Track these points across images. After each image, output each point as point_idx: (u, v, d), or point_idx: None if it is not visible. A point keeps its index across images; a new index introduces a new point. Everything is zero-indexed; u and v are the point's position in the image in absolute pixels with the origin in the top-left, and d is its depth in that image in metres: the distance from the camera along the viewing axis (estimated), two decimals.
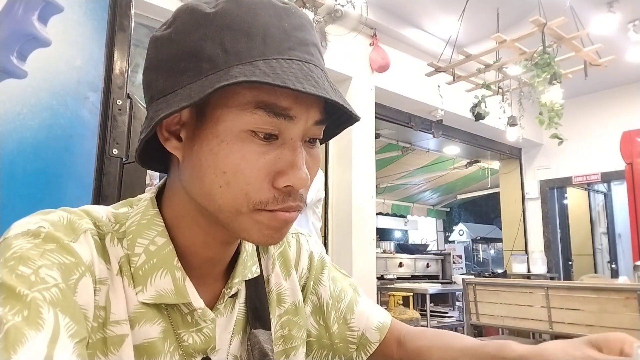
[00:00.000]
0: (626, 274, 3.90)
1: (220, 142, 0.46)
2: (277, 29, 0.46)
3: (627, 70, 4.73)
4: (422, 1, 3.77)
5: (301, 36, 0.48)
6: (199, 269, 0.55)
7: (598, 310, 2.75)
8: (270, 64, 0.44)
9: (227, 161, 0.46)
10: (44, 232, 0.45)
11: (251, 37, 0.45)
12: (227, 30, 0.45)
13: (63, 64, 1.04)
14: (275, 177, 0.47)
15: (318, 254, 0.71)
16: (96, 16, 1.11)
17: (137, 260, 0.50)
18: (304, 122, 0.48)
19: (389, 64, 3.82)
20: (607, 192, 6.43)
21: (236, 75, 0.43)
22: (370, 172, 3.84)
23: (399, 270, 6.25)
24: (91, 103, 1.08)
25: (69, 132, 1.04)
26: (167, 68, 0.48)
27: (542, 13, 3.15)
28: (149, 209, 0.53)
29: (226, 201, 0.47)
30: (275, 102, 0.45)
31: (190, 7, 0.48)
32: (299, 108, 0.47)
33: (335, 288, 0.70)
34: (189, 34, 0.47)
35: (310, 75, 0.45)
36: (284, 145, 0.47)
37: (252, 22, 0.46)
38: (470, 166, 7.06)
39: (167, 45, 0.48)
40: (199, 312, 0.53)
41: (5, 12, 0.91)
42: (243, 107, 0.45)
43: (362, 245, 3.66)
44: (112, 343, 0.47)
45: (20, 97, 0.97)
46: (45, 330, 0.38)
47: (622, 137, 4.24)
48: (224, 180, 0.46)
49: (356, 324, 0.68)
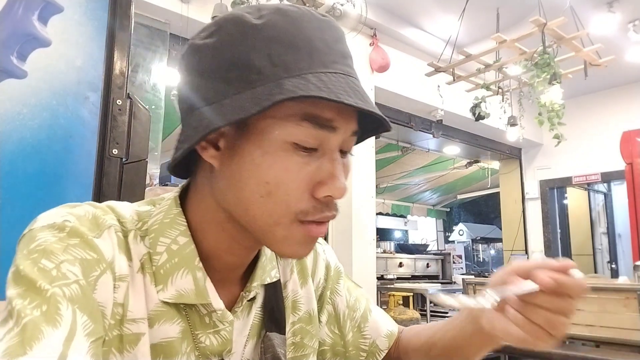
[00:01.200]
0: (626, 274, 3.90)
1: (264, 153, 0.46)
2: (320, 42, 0.47)
3: (627, 70, 4.73)
4: (422, 1, 3.77)
5: (341, 49, 0.50)
6: (220, 272, 0.55)
7: (598, 310, 2.75)
8: (320, 77, 0.45)
9: (270, 172, 0.46)
10: (69, 227, 0.46)
11: (297, 49, 0.46)
12: (274, 42, 0.46)
13: (63, 64, 1.04)
14: (315, 188, 0.48)
15: (334, 264, 0.72)
16: (96, 16, 1.11)
17: (159, 258, 0.51)
18: (343, 133, 0.49)
19: (389, 64, 3.82)
20: (607, 192, 6.43)
21: (292, 89, 0.43)
22: (370, 172, 3.84)
23: (399, 270, 6.25)
24: (91, 103, 1.08)
25: (69, 132, 1.04)
26: (211, 77, 0.48)
27: (542, 13, 3.15)
28: (172, 208, 0.53)
29: (265, 212, 0.48)
30: (319, 114, 0.46)
31: (236, 17, 0.48)
32: (341, 120, 0.48)
33: (351, 297, 0.71)
34: (235, 44, 0.47)
35: (356, 89, 0.47)
36: (324, 156, 0.48)
37: (297, 34, 0.47)
38: (470, 166, 7.05)
39: (211, 54, 0.48)
40: (218, 313, 0.53)
41: (5, 12, 0.91)
42: (288, 119, 0.46)
43: (362, 245, 3.66)
44: (128, 341, 0.47)
45: (20, 97, 0.97)
46: (62, 327, 0.39)
47: (622, 137, 4.24)
48: (265, 190, 0.47)
49: (369, 332, 0.70)
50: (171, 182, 3.45)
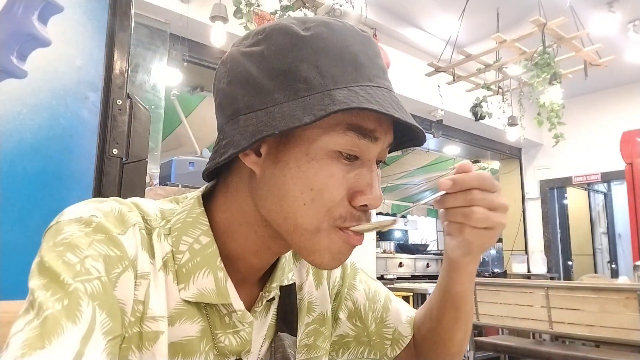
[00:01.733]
0: (626, 274, 3.90)
1: (310, 160, 0.48)
2: (364, 56, 0.49)
3: (627, 70, 4.73)
4: (422, 1, 3.77)
5: (381, 64, 0.52)
6: (242, 273, 0.55)
7: (598, 310, 2.75)
8: (366, 90, 0.47)
9: (315, 179, 0.48)
10: (95, 222, 0.46)
11: (344, 62, 0.48)
12: (322, 53, 0.48)
13: (63, 64, 1.04)
14: (353, 196, 0.49)
15: (350, 261, 0.73)
16: (96, 16, 1.11)
17: (182, 257, 0.51)
18: (382, 144, 0.51)
19: (389, 64, 3.81)
20: (607, 192, 6.43)
21: (344, 101, 0.45)
22: None
23: (399, 270, 6.25)
24: (91, 103, 1.08)
25: (69, 132, 1.04)
26: (258, 84, 0.49)
27: (542, 13, 3.15)
28: (195, 207, 0.54)
29: (307, 219, 0.49)
30: (363, 125, 0.48)
31: (285, 27, 0.50)
32: (381, 131, 0.50)
33: (370, 290, 0.72)
34: (283, 54, 0.48)
35: (398, 103, 0.49)
36: (362, 165, 0.50)
37: (344, 48, 0.49)
38: None
39: (258, 61, 0.49)
40: (238, 314, 0.53)
41: (5, 12, 0.91)
42: (334, 128, 0.48)
43: (362, 245, 3.65)
44: (148, 338, 0.48)
45: (20, 97, 0.97)
46: (82, 324, 0.39)
47: (622, 137, 4.24)
48: (309, 197, 0.48)
49: (392, 321, 0.71)
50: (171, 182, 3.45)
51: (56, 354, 0.37)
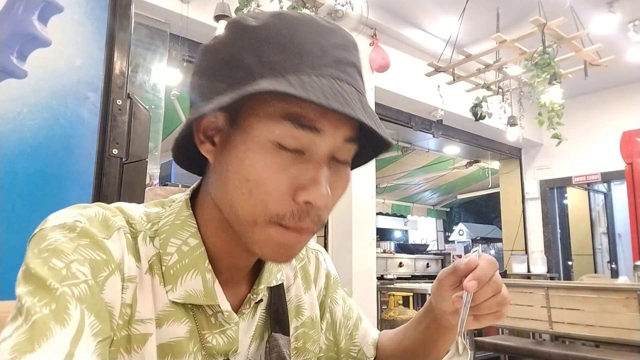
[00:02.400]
0: (626, 274, 3.90)
1: (247, 150, 0.47)
2: (314, 46, 0.47)
3: (627, 70, 4.73)
4: (422, 1, 3.77)
5: (339, 55, 0.48)
6: (227, 273, 0.55)
7: (598, 310, 2.75)
8: (300, 77, 0.45)
9: (250, 169, 0.47)
10: (79, 227, 0.46)
11: (287, 51, 0.46)
12: (266, 42, 0.47)
13: (63, 64, 1.04)
14: (296, 192, 0.47)
15: (334, 273, 0.74)
16: (96, 16, 1.11)
17: (169, 259, 0.51)
18: (332, 138, 0.47)
19: (389, 64, 3.82)
20: (607, 192, 6.43)
21: (263, 86, 0.44)
22: (370, 172, 3.84)
23: (399, 270, 6.25)
24: (91, 103, 1.08)
25: (69, 132, 1.04)
26: (208, 75, 0.50)
27: (542, 13, 3.15)
28: (183, 210, 0.54)
29: (245, 210, 0.48)
30: (302, 113, 0.46)
31: (238, 20, 0.50)
32: (326, 123, 0.47)
33: (346, 306, 0.73)
34: (231, 44, 0.49)
35: (340, 92, 0.45)
36: (309, 160, 0.47)
37: (290, 37, 0.47)
38: (470, 166, 7.05)
39: (210, 53, 0.51)
40: (225, 314, 0.53)
41: (5, 12, 0.91)
42: (271, 117, 0.46)
43: (362, 245, 3.66)
44: (136, 341, 0.48)
45: (20, 97, 0.97)
46: (70, 326, 0.39)
47: (622, 137, 4.24)
48: (246, 188, 0.47)
49: (359, 340, 0.73)
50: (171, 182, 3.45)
51: (46, 357, 0.37)
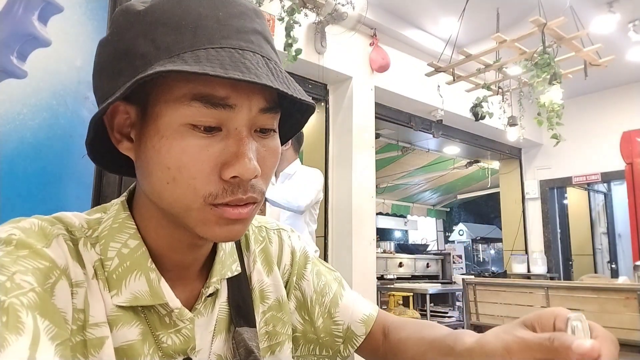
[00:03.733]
0: (626, 274, 3.90)
1: (161, 138, 0.46)
2: (210, 20, 0.45)
3: (627, 70, 4.73)
4: (422, 1, 3.77)
5: (238, 24, 0.46)
6: (175, 270, 0.54)
7: (598, 310, 2.75)
8: (197, 54, 0.43)
9: (169, 157, 0.46)
10: (15, 239, 0.45)
11: (181, 30, 0.44)
12: (158, 25, 0.45)
13: (63, 64, 1.04)
14: (222, 169, 0.46)
15: (300, 249, 0.71)
16: (96, 16, 1.11)
17: (111, 264, 0.50)
18: (247, 110, 0.46)
19: (389, 64, 3.82)
20: (607, 192, 6.43)
21: (155, 69, 0.42)
22: (370, 172, 3.84)
23: (399, 270, 6.25)
24: (91, 103, 1.08)
25: (69, 132, 1.04)
26: (107, 71, 0.48)
27: (542, 13, 3.15)
28: (120, 212, 0.53)
29: (175, 197, 0.47)
30: (210, 92, 0.44)
31: (125, 7, 0.48)
32: (238, 96, 0.45)
33: (319, 282, 0.69)
34: (123, 34, 0.47)
35: (242, 61, 0.44)
36: (229, 136, 0.46)
37: (182, 15, 0.45)
38: (470, 166, 7.06)
39: (105, 48, 0.49)
40: (176, 312, 0.52)
41: (5, 12, 0.91)
42: (179, 101, 0.45)
43: (362, 245, 3.66)
44: (92, 345, 0.47)
45: (20, 97, 0.97)
46: (26, 334, 0.38)
47: (622, 137, 4.24)
48: (169, 176, 0.46)
49: (341, 317, 0.68)
50: None
51: None
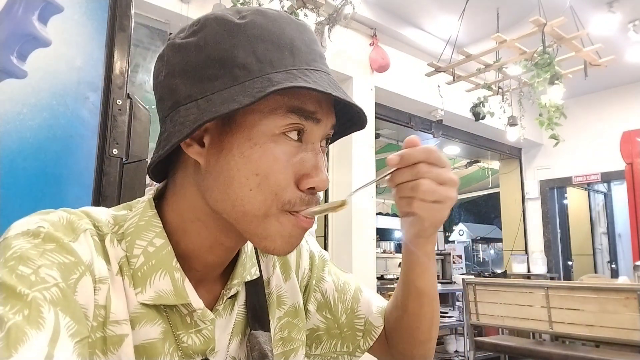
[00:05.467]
0: (626, 274, 3.90)
1: (254, 145, 0.48)
2: (300, 42, 0.50)
3: (627, 70, 4.73)
4: (422, 1, 3.77)
5: (318, 50, 0.53)
6: (199, 271, 0.55)
7: (598, 310, 2.75)
8: (304, 73, 0.48)
9: (260, 163, 0.48)
10: (43, 232, 0.45)
11: (280, 48, 0.49)
12: (258, 40, 0.48)
13: (63, 64, 1.04)
14: (299, 180, 0.50)
15: (318, 253, 0.73)
16: (96, 16, 1.11)
17: (136, 261, 0.51)
18: (324, 126, 0.52)
19: (389, 64, 3.82)
20: (607, 192, 6.43)
21: (282, 82, 0.46)
22: (370, 172, 3.84)
23: (399, 270, 6.23)
24: (91, 103, 1.08)
25: (69, 132, 1.04)
26: (196, 74, 0.49)
27: (542, 13, 3.15)
28: (147, 210, 0.54)
29: (255, 205, 0.49)
30: (303, 106, 0.49)
31: (219, 16, 0.50)
32: (323, 112, 0.51)
33: (339, 281, 0.72)
34: (219, 42, 0.49)
35: (337, 85, 0.50)
36: (308, 149, 0.51)
37: (279, 34, 0.49)
38: (470, 166, 7.05)
39: (194, 52, 0.49)
40: (198, 312, 0.53)
41: (5, 12, 0.91)
42: (275, 112, 0.48)
43: (362, 245, 3.66)
44: (112, 342, 0.47)
45: (20, 97, 0.97)
46: (46, 329, 0.38)
47: (622, 137, 4.24)
48: (255, 182, 0.48)
49: (362, 311, 0.71)
50: None
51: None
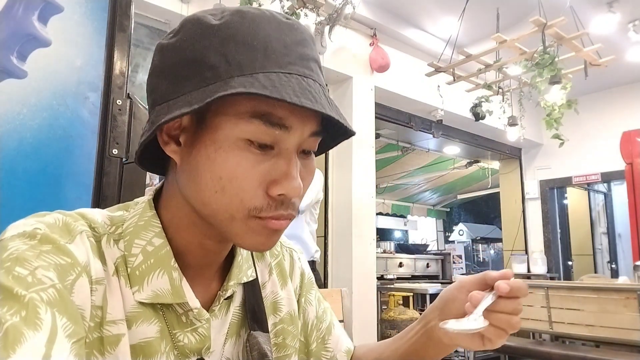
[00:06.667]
0: (626, 274, 3.90)
1: (218, 149, 0.48)
2: (278, 43, 0.48)
3: (627, 70, 4.73)
4: (422, 1, 3.77)
5: (302, 51, 0.50)
6: (195, 269, 0.56)
7: (598, 310, 2.75)
8: (269, 77, 0.46)
9: (223, 167, 0.48)
10: (39, 234, 0.45)
11: (253, 49, 0.47)
12: (231, 41, 0.47)
13: (63, 64, 1.04)
14: (269, 186, 0.49)
15: (308, 273, 0.74)
16: (96, 16, 1.11)
17: (134, 260, 0.51)
18: (300, 133, 0.49)
19: (389, 64, 3.82)
20: (607, 192, 6.43)
21: (235, 86, 0.45)
22: (370, 172, 3.84)
23: (399, 270, 6.25)
24: (91, 103, 1.08)
25: (69, 132, 1.04)
26: (171, 74, 0.50)
27: (542, 13, 3.15)
28: (146, 210, 0.54)
29: (221, 206, 0.49)
30: (271, 112, 0.47)
31: (197, 17, 0.50)
32: (294, 119, 0.48)
33: (320, 308, 0.73)
34: (193, 43, 0.49)
35: (308, 89, 0.47)
36: (280, 155, 0.49)
37: (254, 35, 0.48)
38: (470, 166, 7.06)
39: (172, 52, 0.50)
40: (194, 312, 0.53)
41: (5, 12, 0.91)
42: (241, 116, 0.47)
43: (362, 245, 3.66)
44: (109, 342, 0.48)
45: (20, 97, 0.97)
46: (43, 330, 0.39)
47: (622, 137, 4.24)
48: (219, 185, 0.48)
49: (331, 345, 0.72)
50: None
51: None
